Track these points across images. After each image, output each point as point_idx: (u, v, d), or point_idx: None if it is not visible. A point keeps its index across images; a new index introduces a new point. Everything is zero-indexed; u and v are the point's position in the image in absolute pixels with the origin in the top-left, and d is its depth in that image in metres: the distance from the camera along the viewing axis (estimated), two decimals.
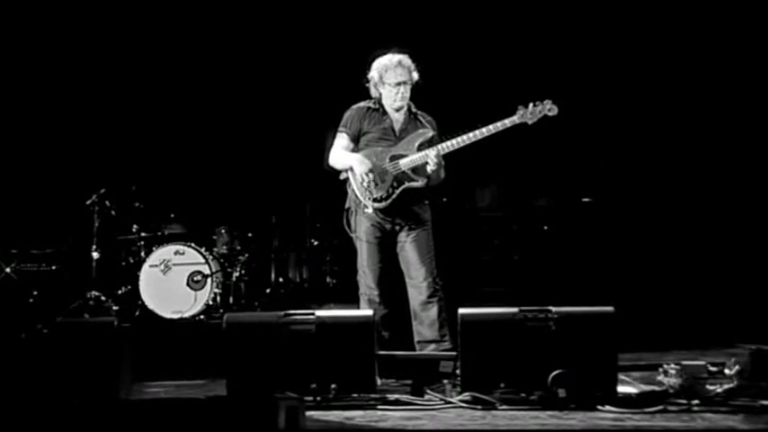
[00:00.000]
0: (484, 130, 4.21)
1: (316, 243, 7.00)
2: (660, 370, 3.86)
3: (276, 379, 3.56)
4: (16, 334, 5.48)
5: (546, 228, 6.87)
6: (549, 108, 4.21)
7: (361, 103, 4.47)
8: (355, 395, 3.52)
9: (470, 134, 4.22)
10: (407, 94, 4.36)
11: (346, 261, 6.90)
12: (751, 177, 6.90)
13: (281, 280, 6.98)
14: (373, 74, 4.41)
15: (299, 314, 3.66)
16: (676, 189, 6.92)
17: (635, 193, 6.96)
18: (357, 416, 3.33)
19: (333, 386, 3.52)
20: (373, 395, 3.54)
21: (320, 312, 3.68)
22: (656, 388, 3.68)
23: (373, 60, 4.46)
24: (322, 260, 7.03)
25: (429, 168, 4.28)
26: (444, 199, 5.02)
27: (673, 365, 3.78)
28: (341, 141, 4.44)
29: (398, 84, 4.32)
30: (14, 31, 7.16)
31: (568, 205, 6.99)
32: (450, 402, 3.49)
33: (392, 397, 3.55)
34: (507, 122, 4.22)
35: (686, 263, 6.74)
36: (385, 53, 4.44)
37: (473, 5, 7.11)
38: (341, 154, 4.41)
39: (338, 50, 7.07)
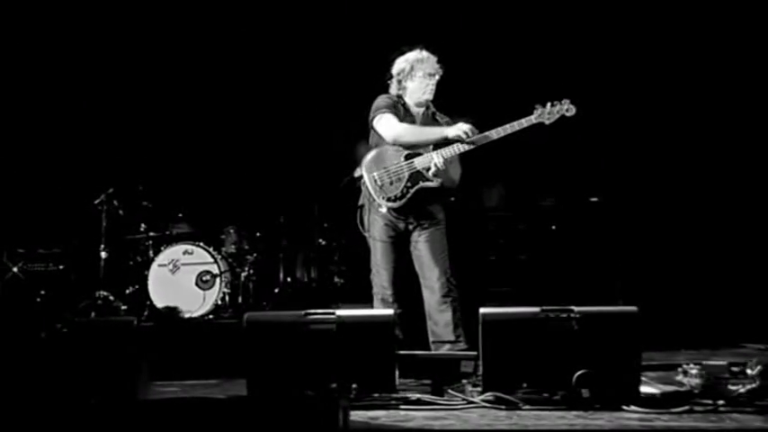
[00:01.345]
0: (500, 129, 4.13)
1: (323, 243, 6.91)
2: (679, 370, 3.78)
3: (296, 378, 3.47)
4: (24, 333, 5.39)
5: (553, 227, 6.79)
6: (566, 108, 4.14)
7: (388, 95, 4.39)
8: (376, 395, 3.44)
9: (487, 134, 4.14)
10: (434, 89, 4.30)
11: (354, 261, 6.84)
12: (752, 177, 6.84)
13: (288, 280, 6.89)
14: (403, 65, 4.32)
15: (320, 313, 3.58)
16: (682, 190, 6.85)
17: (642, 192, 6.89)
18: (381, 416, 3.25)
19: (353, 386, 3.43)
20: (395, 395, 3.45)
21: (341, 312, 3.59)
22: (678, 388, 3.61)
23: (396, 58, 4.39)
24: (330, 260, 6.95)
25: (431, 172, 4.20)
26: (452, 198, 4.96)
27: (692, 365, 3.71)
28: (395, 119, 4.28)
29: (431, 75, 4.26)
30: (23, 31, 7.05)
31: (576, 205, 6.91)
32: (472, 402, 3.41)
33: (414, 397, 3.47)
34: (524, 122, 4.13)
35: (692, 263, 6.67)
36: (404, 51, 4.37)
37: (474, 9, 7.05)
38: (413, 127, 4.25)
39: (345, 51, 7.00)
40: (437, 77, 4.31)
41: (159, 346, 5.23)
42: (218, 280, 6.32)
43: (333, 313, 3.57)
